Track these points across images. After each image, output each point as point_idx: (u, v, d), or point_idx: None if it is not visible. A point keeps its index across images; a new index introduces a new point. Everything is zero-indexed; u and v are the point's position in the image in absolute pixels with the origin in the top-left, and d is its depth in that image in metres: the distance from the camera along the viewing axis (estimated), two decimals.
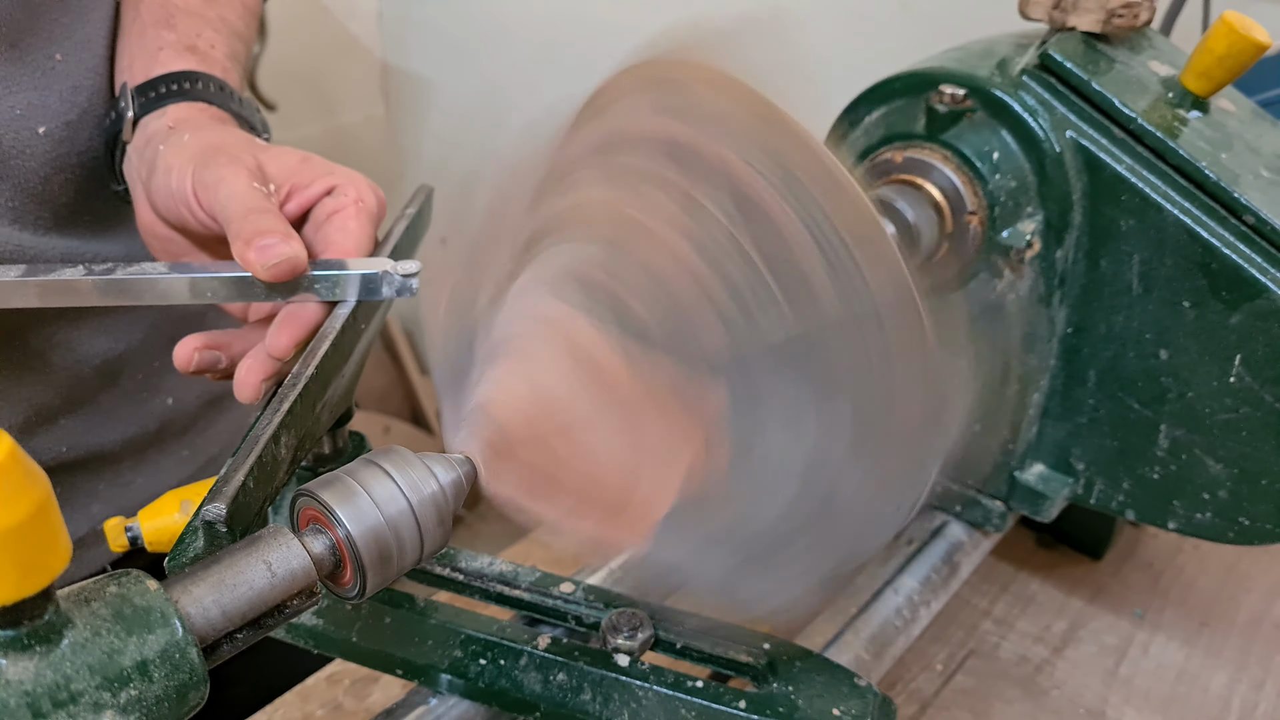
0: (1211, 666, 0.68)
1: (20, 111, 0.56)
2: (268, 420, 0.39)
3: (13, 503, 0.22)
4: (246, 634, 0.30)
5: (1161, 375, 0.56)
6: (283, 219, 0.45)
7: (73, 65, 0.59)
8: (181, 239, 0.52)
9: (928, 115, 0.56)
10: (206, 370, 0.48)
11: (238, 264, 0.45)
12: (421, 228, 0.54)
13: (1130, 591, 0.74)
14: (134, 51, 0.58)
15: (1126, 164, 0.54)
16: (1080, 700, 0.65)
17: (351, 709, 0.62)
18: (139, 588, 0.28)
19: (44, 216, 0.59)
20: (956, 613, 0.71)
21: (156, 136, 0.52)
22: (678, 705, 0.46)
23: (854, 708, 0.46)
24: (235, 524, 0.35)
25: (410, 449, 0.35)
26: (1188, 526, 0.59)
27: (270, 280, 0.43)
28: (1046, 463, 0.63)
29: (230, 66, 0.59)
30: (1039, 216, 0.57)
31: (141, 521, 0.48)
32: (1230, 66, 0.55)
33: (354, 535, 0.32)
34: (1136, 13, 0.57)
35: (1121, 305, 0.57)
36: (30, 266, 0.46)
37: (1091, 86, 0.54)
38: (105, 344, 0.65)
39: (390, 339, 1.85)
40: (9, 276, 0.45)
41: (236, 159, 0.47)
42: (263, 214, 0.45)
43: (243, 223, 0.44)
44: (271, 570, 0.30)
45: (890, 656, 0.57)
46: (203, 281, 0.45)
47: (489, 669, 0.48)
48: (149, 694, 0.27)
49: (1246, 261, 0.52)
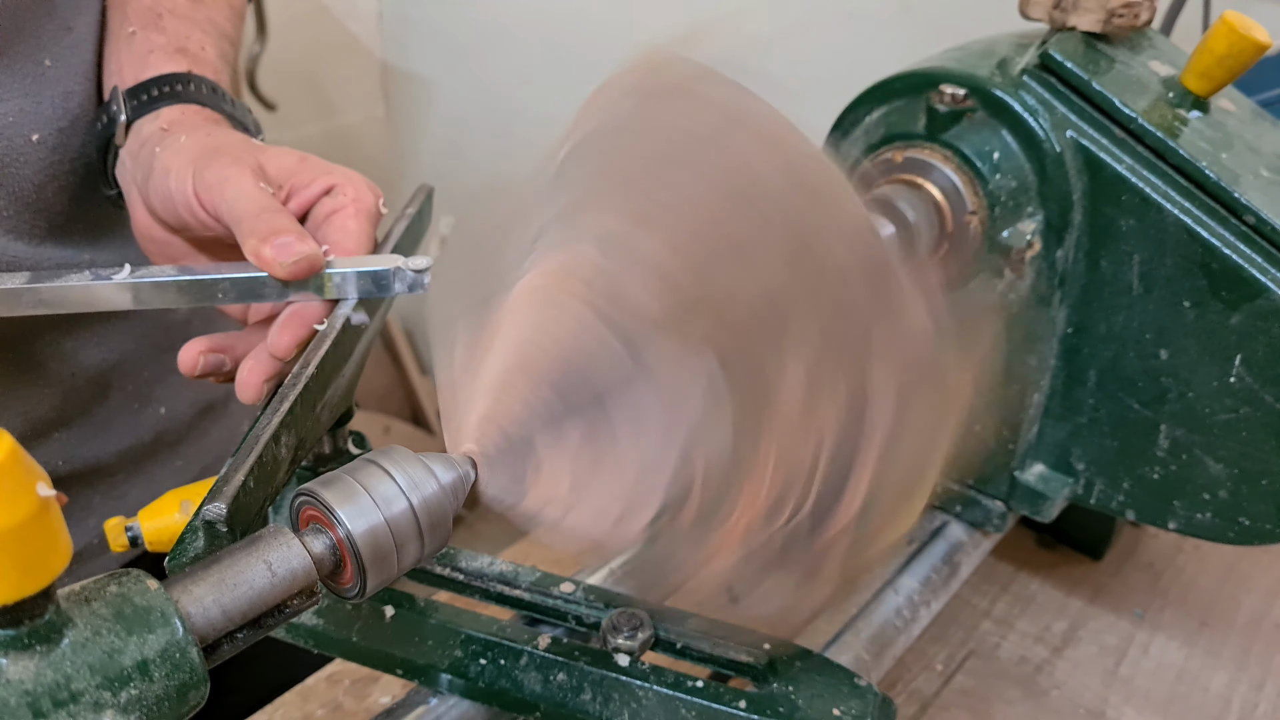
0: (1211, 666, 0.68)
1: (12, 119, 0.56)
2: (268, 420, 0.39)
3: (13, 503, 0.22)
4: (247, 633, 0.30)
5: (1162, 375, 0.56)
6: (293, 218, 0.45)
7: (62, 71, 0.58)
8: (180, 242, 0.51)
9: (928, 115, 0.56)
10: (211, 373, 0.47)
11: (243, 265, 0.45)
12: (421, 228, 0.54)
13: (1130, 591, 0.74)
14: (123, 55, 0.57)
15: (1127, 164, 0.54)
16: (1080, 700, 0.65)
17: (351, 709, 0.62)
18: (139, 587, 0.28)
19: (39, 226, 0.59)
20: (956, 613, 0.71)
21: (151, 139, 0.52)
22: (678, 705, 0.46)
23: (854, 708, 0.46)
24: (235, 524, 0.35)
25: (410, 449, 0.35)
26: (1188, 526, 0.59)
27: (288, 278, 0.43)
28: (1046, 463, 0.63)
29: (221, 68, 0.58)
30: (1039, 216, 0.57)
31: (141, 521, 0.48)
32: (1230, 66, 0.55)
33: (354, 535, 0.32)
34: (1137, 13, 0.57)
35: (1122, 305, 0.57)
36: (34, 274, 0.45)
37: (1092, 86, 0.54)
38: (99, 354, 0.65)
39: (390, 339, 1.85)
40: (14, 284, 0.45)
41: (239, 159, 0.47)
42: (276, 213, 0.45)
43: (256, 221, 0.44)
44: (272, 570, 0.30)
45: (890, 656, 0.57)
46: (214, 283, 0.45)
47: (489, 669, 0.48)
48: (149, 693, 0.27)
49: (1246, 261, 0.52)
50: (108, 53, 0.60)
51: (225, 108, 0.55)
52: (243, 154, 0.48)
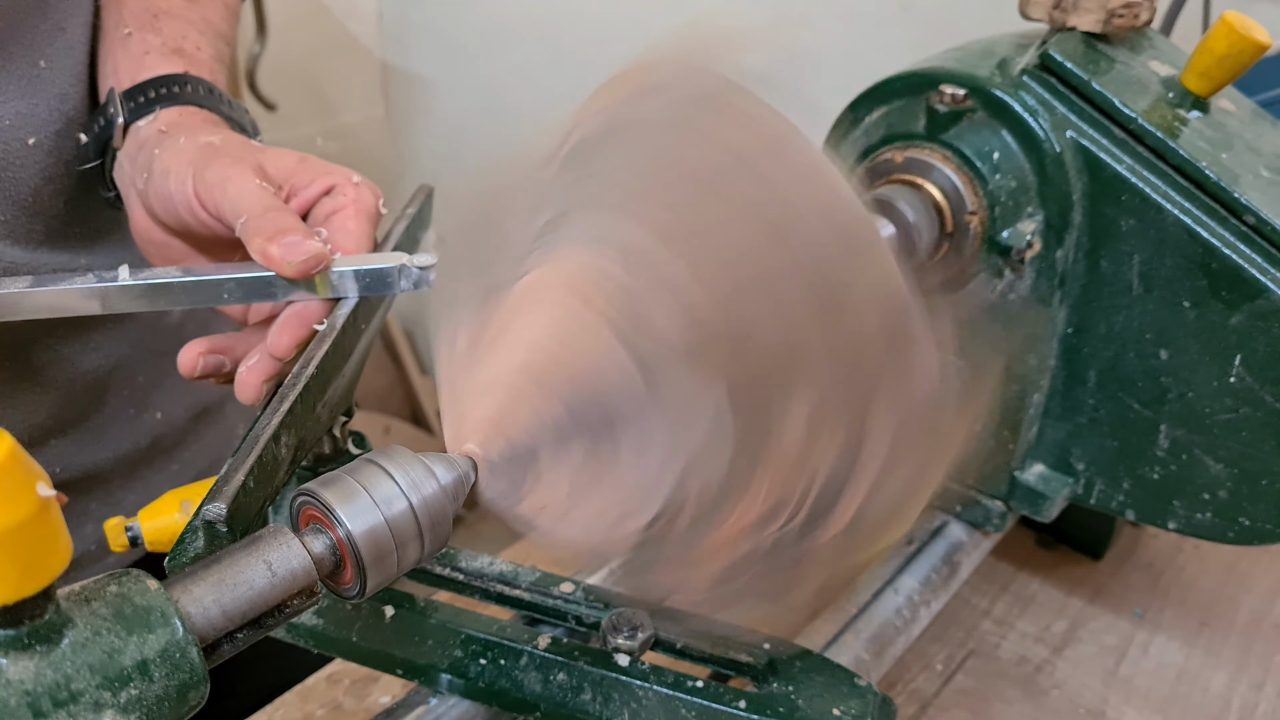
0: (1211, 666, 0.68)
1: (9, 122, 0.55)
2: (268, 420, 0.39)
3: (13, 503, 0.22)
4: (247, 633, 0.30)
5: (1162, 375, 0.56)
6: (297, 217, 0.45)
7: (58, 72, 0.58)
8: (179, 243, 0.51)
9: (928, 115, 0.56)
10: (211, 374, 0.47)
11: (248, 265, 0.45)
12: (421, 227, 0.54)
13: (1130, 591, 0.74)
14: (119, 56, 0.57)
15: (1127, 164, 0.54)
16: (1080, 700, 0.65)
17: (351, 709, 0.62)
18: (139, 587, 0.28)
19: (36, 230, 0.58)
20: (956, 613, 0.71)
21: (150, 141, 0.51)
22: (678, 705, 0.46)
23: (854, 708, 0.46)
24: (235, 524, 0.35)
25: (410, 449, 0.35)
26: (1188, 526, 0.59)
27: (296, 276, 0.43)
28: (1046, 463, 0.63)
29: (217, 69, 0.58)
30: (1039, 216, 0.57)
31: (141, 521, 0.48)
32: (1230, 66, 0.55)
33: (354, 535, 0.32)
34: (1137, 13, 0.57)
35: (1122, 305, 0.57)
36: (36, 278, 0.45)
37: (1092, 86, 0.54)
38: (96, 360, 0.64)
39: (390, 339, 1.85)
40: (17, 288, 0.45)
41: (239, 159, 0.47)
42: (280, 212, 0.45)
43: (262, 220, 0.44)
44: (272, 570, 0.30)
45: (890, 656, 0.57)
46: (219, 283, 0.45)
47: (489, 669, 0.48)
48: (149, 693, 0.27)
49: (1246, 261, 0.52)
50: (102, 53, 0.59)
51: (223, 109, 0.55)
52: (243, 154, 0.48)
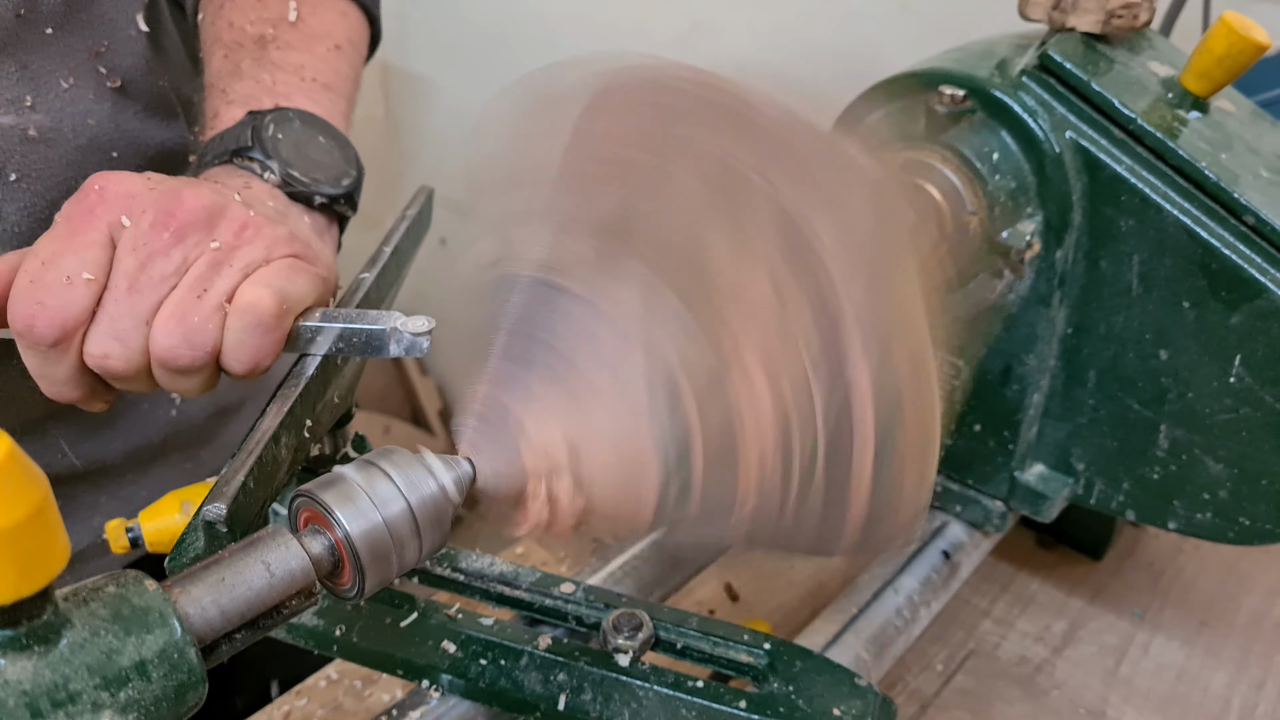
0: (1211, 666, 0.68)
1: (34, 133, 0.55)
2: (268, 421, 0.39)
3: (12, 503, 0.22)
4: (245, 634, 0.31)
5: (1161, 375, 0.56)
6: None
7: (83, 90, 0.58)
8: None
9: (928, 116, 0.56)
10: None
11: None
12: (422, 228, 0.54)
13: (1130, 591, 0.74)
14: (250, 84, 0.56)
15: (1126, 164, 0.54)
16: (1080, 700, 0.65)
17: (351, 709, 0.62)
18: (138, 588, 0.28)
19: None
20: (956, 613, 0.71)
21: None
22: (678, 705, 0.46)
23: (854, 708, 0.46)
24: (235, 524, 0.35)
25: (410, 449, 0.35)
26: (1188, 526, 0.59)
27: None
28: (1046, 463, 0.63)
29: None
30: (1039, 217, 0.57)
31: (142, 522, 0.48)
32: (1230, 67, 0.55)
33: (352, 535, 0.32)
34: (1136, 13, 0.57)
35: (1121, 305, 0.57)
36: None
37: (1091, 87, 0.54)
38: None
39: None
40: None
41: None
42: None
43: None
44: (270, 571, 0.30)
45: (890, 656, 0.57)
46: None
47: (489, 669, 0.48)
48: (147, 694, 0.27)
49: (1246, 262, 0.52)
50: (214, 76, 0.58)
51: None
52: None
